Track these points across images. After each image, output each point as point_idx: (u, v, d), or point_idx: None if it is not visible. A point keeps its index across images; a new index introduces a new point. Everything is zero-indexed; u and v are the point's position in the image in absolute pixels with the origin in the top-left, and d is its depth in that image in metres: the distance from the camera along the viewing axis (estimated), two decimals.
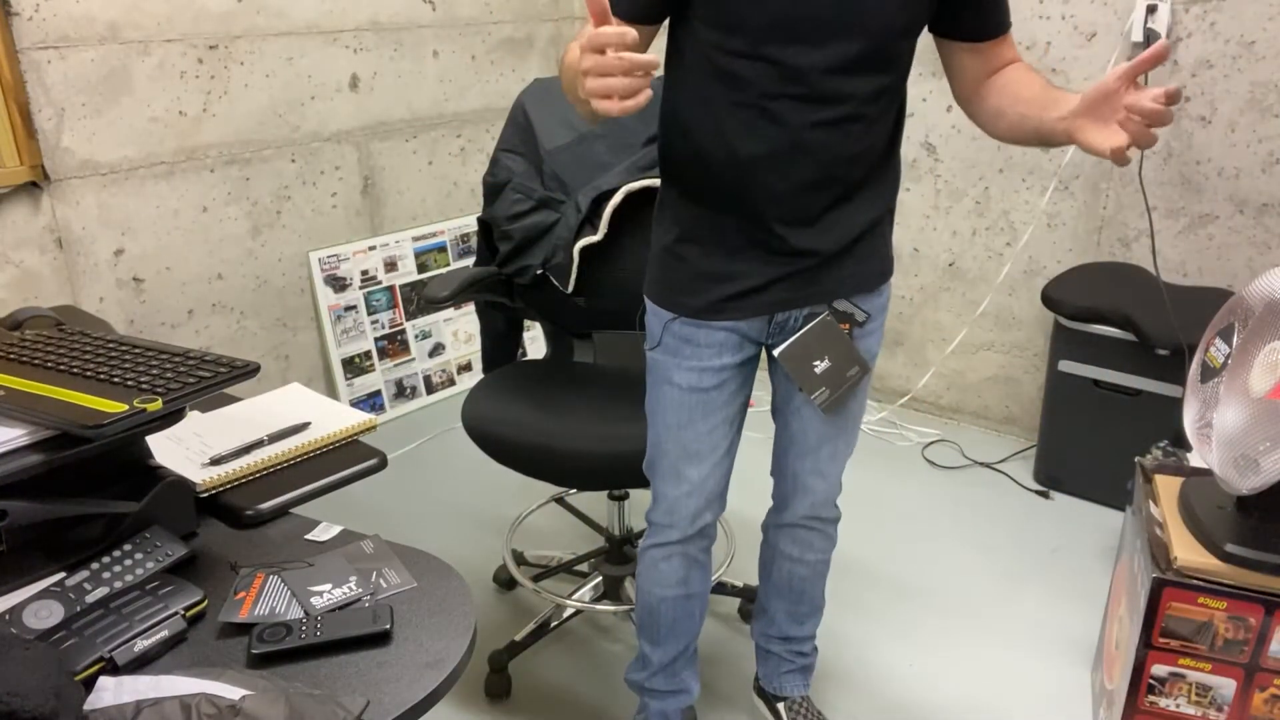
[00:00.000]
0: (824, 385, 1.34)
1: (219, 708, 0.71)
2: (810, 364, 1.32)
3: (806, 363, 1.32)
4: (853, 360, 1.34)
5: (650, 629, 1.57)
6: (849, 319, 1.34)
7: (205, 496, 1.05)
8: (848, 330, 1.33)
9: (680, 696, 1.61)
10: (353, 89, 2.76)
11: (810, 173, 1.22)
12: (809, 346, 1.32)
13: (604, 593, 2.05)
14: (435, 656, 0.82)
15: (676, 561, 1.50)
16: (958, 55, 1.29)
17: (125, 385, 0.94)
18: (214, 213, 2.52)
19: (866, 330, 1.37)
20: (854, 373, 1.35)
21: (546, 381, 1.88)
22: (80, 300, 2.30)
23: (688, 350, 1.34)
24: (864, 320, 1.35)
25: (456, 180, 3.12)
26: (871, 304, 1.36)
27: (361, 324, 2.90)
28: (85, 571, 0.88)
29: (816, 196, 1.24)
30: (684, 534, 1.46)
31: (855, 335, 1.35)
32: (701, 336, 1.33)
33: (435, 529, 2.38)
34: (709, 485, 1.43)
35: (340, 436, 1.16)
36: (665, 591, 1.52)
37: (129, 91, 2.29)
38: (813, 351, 1.32)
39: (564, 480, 1.69)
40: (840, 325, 1.32)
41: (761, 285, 1.29)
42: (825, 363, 1.32)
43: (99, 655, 0.78)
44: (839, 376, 1.34)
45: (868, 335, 1.38)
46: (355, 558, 0.96)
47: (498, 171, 1.99)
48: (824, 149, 1.20)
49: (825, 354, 1.32)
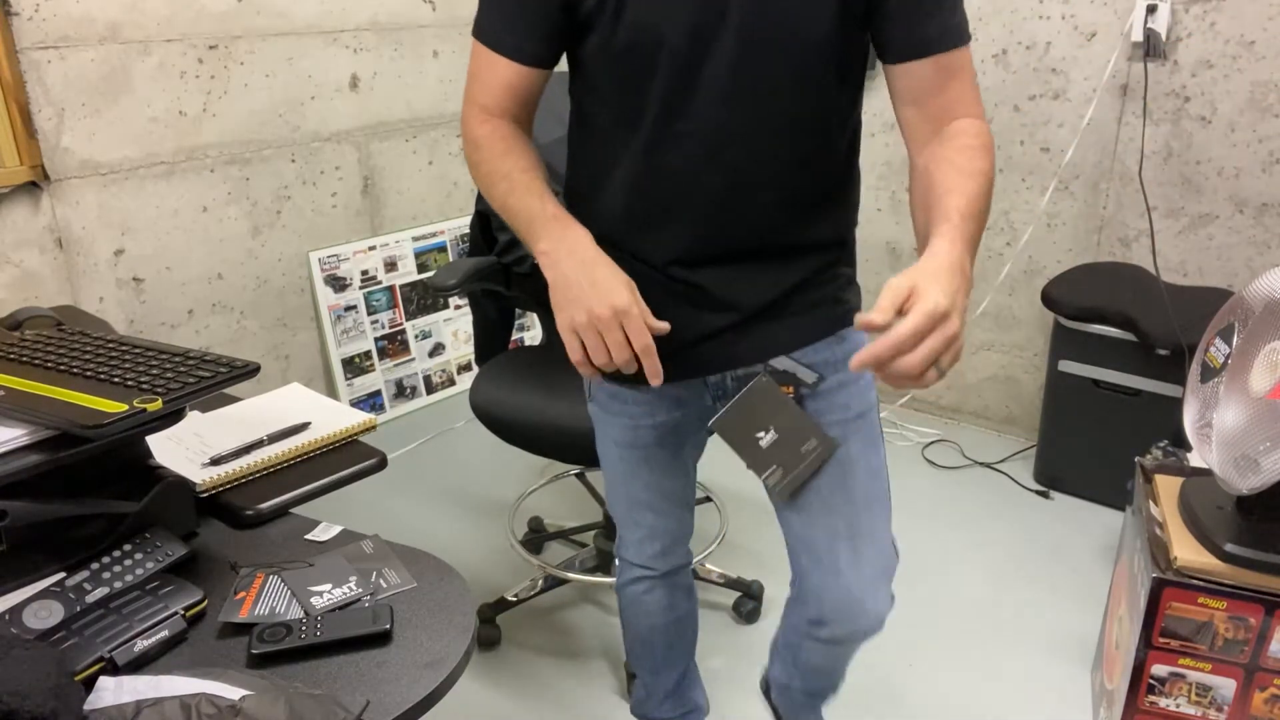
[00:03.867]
0: (774, 463, 1.11)
1: (219, 708, 0.71)
2: (753, 436, 1.10)
3: (748, 435, 1.10)
4: (805, 432, 1.09)
5: (647, 659, 1.50)
6: (792, 381, 1.10)
7: (205, 496, 1.05)
8: (792, 394, 1.10)
9: (693, 715, 1.57)
10: (353, 89, 2.76)
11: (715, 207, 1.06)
12: (746, 416, 1.10)
13: (597, 564, 2.12)
14: (435, 656, 0.82)
15: (659, 592, 1.42)
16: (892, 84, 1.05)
17: (125, 385, 0.94)
18: (214, 213, 2.52)
19: (820, 392, 1.12)
20: (811, 447, 1.09)
21: (546, 366, 1.91)
22: (80, 300, 2.30)
23: (617, 407, 1.21)
24: (815, 381, 1.11)
25: (457, 180, 3.12)
26: (821, 359, 1.13)
27: (361, 324, 2.90)
28: (85, 571, 0.88)
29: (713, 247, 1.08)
30: (657, 570, 1.38)
31: (813, 399, 1.11)
32: (629, 395, 1.19)
33: (435, 528, 2.38)
34: (669, 527, 1.33)
35: (340, 436, 1.16)
36: (654, 620, 1.44)
37: (129, 91, 2.29)
38: (752, 422, 1.10)
39: (568, 456, 1.72)
40: (782, 388, 1.09)
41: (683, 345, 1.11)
42: (770, 435, 1.10)
43: (99, 655, 0.78)
44: (792, 452, 1.09)
45: (826, 396, 1.12)
46: (355, 558, 0.96)
47: None
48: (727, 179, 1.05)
49: (769, 424, 1.09)
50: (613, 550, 2.03)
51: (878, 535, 1.16)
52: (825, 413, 1.12)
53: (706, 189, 1.05)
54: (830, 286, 1.13)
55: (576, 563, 2.14)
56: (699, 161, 1.04)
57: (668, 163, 1.05)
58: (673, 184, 1.06)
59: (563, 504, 2.49)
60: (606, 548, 2.06)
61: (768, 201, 1.06)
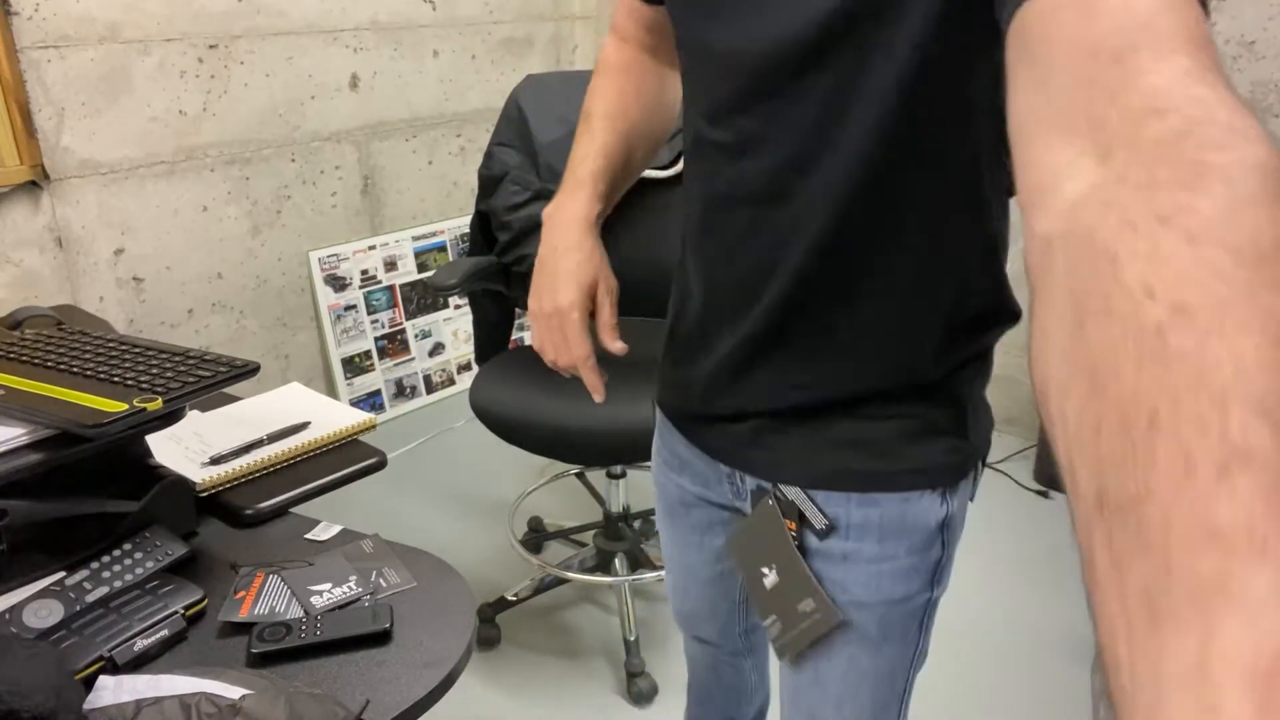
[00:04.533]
0: (774, 613, 0.87)
1: (219, 707, 0.71)
2: (759, 570, 0.87)
3: (755, 567, 0.87)
4: (803, 587, 0.84)
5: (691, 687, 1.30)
6: (795, 516, 0.84)
7: (205, 496, 1.05)
8: (794, 533, 0.84)
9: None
10: (353, 89, 2.76)
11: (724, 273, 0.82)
12: (752, 542, 0.88)
13: (597, 564, 2.12)
14: (435, 656, 0.82)
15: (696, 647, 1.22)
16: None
17: (125, 384, 0.94)
18: (214, 212, 2.52)
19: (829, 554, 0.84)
20: (809, 609, 0.84)
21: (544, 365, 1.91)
22: (80, 300, 2.30)
23: (664, 433, 1.01)
24: (825, 530, 0.82)
25: (456, 180, 3.12)
26: (849, 514, 0.82)
27: (361, 323, 2.91)
28: (85, 571, 0.88)
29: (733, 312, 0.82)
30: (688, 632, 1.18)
31: (818, 552, 0.84)
32: (667, 433, 0.99)
33: (435, 528, 2.38)
34: (692, 595, 1.09)
35: (340, 436, 1.16)
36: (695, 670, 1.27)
37: (129, 91, 2.29)
38: (758, 553, 0.87)
39: (569, 456, 1.73)
40: (785, 521, 0.84)
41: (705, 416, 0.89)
42: (773, 576, 0.86)
43: (99, 654, 0.78)
44: (790, 607, 0.85)
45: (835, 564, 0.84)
46: (355, 557, 0.96)
47: (493, 164, 2.02)
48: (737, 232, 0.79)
49: (771, 562, 0.86)
50: (612, 549, 2.05)
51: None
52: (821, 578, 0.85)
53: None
54: (888, 425, 0.81)
55: (576, 562, 2.14)
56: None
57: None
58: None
59: (563, 504, 2.50)
60: (606, 547, 2.06)
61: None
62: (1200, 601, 0.27)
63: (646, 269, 1.96)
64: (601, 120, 0.97)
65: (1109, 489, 0.33)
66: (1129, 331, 0.34)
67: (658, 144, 1.02)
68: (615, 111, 0.97)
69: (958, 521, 0.86)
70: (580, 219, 0.93)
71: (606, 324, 0.91)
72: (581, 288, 0.91)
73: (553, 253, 0.92)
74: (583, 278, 0.91)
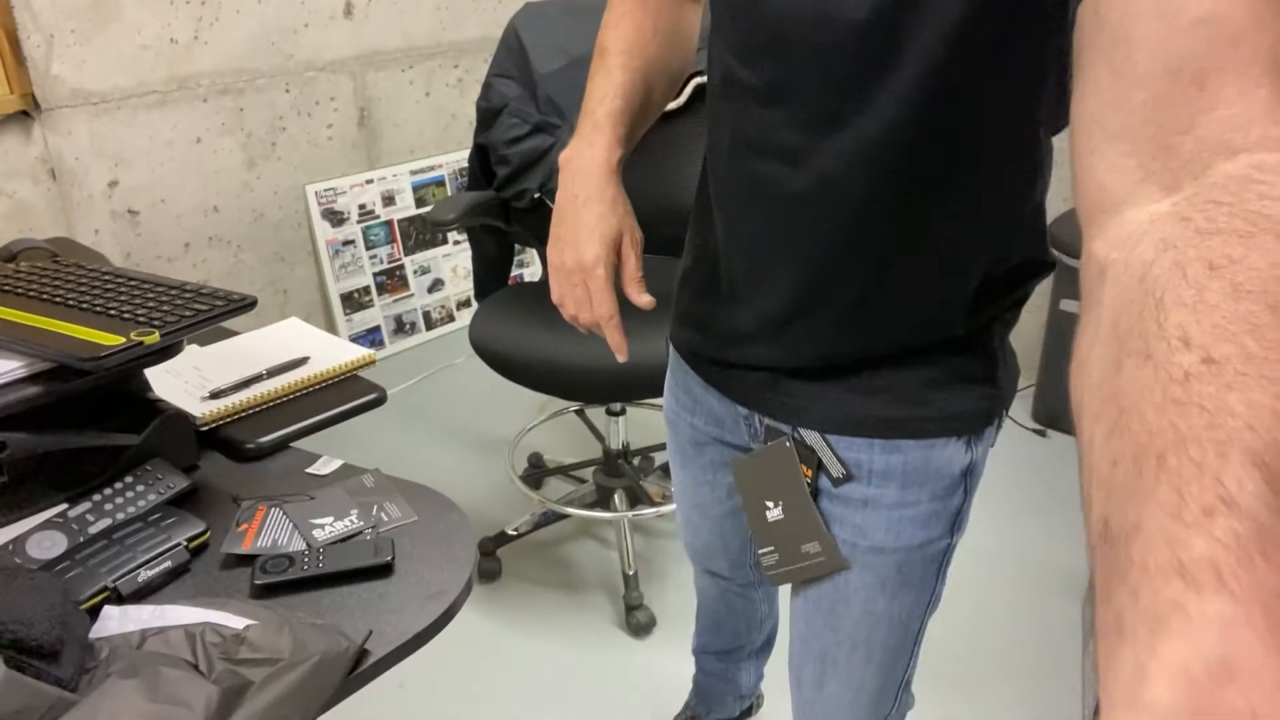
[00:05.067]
0: (774, 545, 0.90)
1: (224, 636, 0.72)
2: (762, 504, 0.89)
3: (759, 499, 0.90)
4: (811, 531, 0.87)
5: (700, 615, 1.37)
6: (812, 461, 0.85)
7: (205, 430, 1.05)
8: (809, 479, 0.85)
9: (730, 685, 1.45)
10: (347, 16, 2.69)
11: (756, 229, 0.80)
12: (761, 476, 0.89)
13: (596, 500, 2.13)
14: (436, 588, 0.83)
15: (707, 579, 1.28)
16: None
17: (122, 318, 0.94)
18: (208, 144, 2.48)
19: (849, 499, 0.85)
20: (813, 551, 0.87)
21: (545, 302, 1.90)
22: (75, 233, 2.28)
23: (676, 373, 1.02)
24: (841, 478, 0.83)
25: (454, 112, 3.06)
26: (853, 458, 0.83)
27: (360, 259, 2.88)
28: (87, 503, 0.89)
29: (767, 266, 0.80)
30: (699, 564, 1.23)
31: (829, 497, 0.86)
32: (681, 373, 1.00)
33: (435, 463, 2.40)
34: (703, 531, 1.12)
35: (340, 371, 1.16)
36: (704, 599, 1.33)
37: (118, 17, 2.23)
38: (765, 487, 0.89)
39: (570, 394, 1.73)
40: (802, 467, 0.85)
41: (727, 362, 0.90)
42: (778, 511, 0.88)
43: (103, 585, 0.79)
44: (792, 545, 0.89)
45: (855, 510, 0.85)
46: (356, 491, 0.96)
47: (491, 96, 1.98)
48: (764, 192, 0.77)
49: (779, 499, 0.88)
50: (611, 485, 2.06)
51: (854, 676, 0.95)
52: (836, 524, 0.87)
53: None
54: (916, 373, 0.80)
55: (576, 498, 2.16)
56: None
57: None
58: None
59: (562, 440, 2.51)
60: (606, 483, 2.07)
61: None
62: (1155, 623, 0.30)
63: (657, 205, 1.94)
64: (617, 56, 0.92)
65: (1112, 520, 0.35)
66: (1159, 377, 0.35)
67: (678, 80, 0.98)
68: (632, 47, 0.92)
69: (980, 468, 0.85)
70: (600, 165, 0.88)
71: (633, 278, 0.88)
72: (605, 242, 0.86)
73: (572, 202, 0.87)
74: (606, 230, 0.86)
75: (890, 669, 0.96)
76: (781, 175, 0.74)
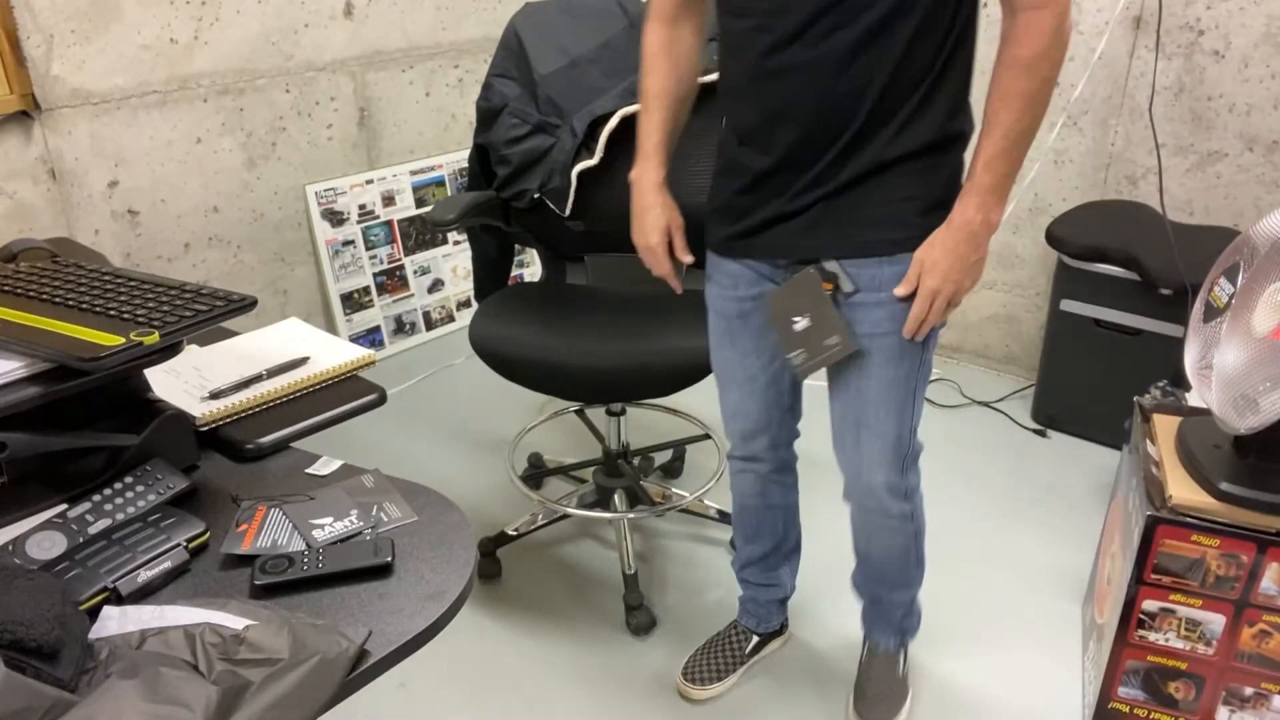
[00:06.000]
0: (801, 346, 1.28)
1: (223, 636, 0.72)
2: (790, 319, 1.27)
3: (786, 317, 1.27)
4: (832, 328, 1.24)
5: (739, 526, 1.69)
6: (833, 281, 1.24)
7: (205, 430, 1.05)
8: (831, 291, 1.24)
9: (773, 590, 1.73)
10: (347, 16, 2.69)
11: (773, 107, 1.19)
12: (789, 299, 1.27)
13: (596, 500, 2.13)
14: (436, 589, 0.83)
15: (749, 477, 1.59)
16: None
17: (122, 318, 0.94)
18: (208, 144, 2.48)
19: (858, 302, 1.25)
20: (833, 343, 1.25)
21: (545, 303, 1.90)
22: (75, 233, 2.28)
23: (716, 276, 1.41)
24: (851, 292, 1.24)
25: (454, 112, 3.06)
26: (869, 274, 1.24)
27: (360, 259, 2.88)
28: (87, 504, 0.89)
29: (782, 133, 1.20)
30: (742, 453, 1.56)
31: (844, 304, 1.26)
32: (724, 265, 1.38)
33: (435, 463, 2.40)
34: (749, 411, 1.48)
35: (339, 372, 1.16)
36: (746, 501, 1.64)
37: (118, 18, 2.23)
38: (793, 305, 1.26)
39: (569, 394, 1.72)
40: (824, 285, 1.24)
41: (751, 229, 1.29)
42: (805, 321, 1.26)
43: (102, 585, 0.79)
44: (817, 342, 1.26)
45: (862, 308, 1.26)
46: (356, 492, 0.96)
47: (491, 96, 1.98)
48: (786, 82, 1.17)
49: (805, 311, 1.26)
50: (611, 485, 2.06)
51: (880, 429, 1.35)
52: (857, 323, 1.26)
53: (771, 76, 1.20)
54: (900, 207, 1.21)
55: (576, 498, 2.16)
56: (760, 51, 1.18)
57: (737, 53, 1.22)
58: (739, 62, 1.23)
59: (562, 440, 2.51)
60: (606, 483, 2.07)
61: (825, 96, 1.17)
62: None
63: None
64: (654, 99, 1.38)
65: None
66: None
67: (692, 97, 1.43)
68: (662, 90, 1.38)
69: None
70: (653, 184, 1.40)
71: (680, 247, 1.42)
72: (660, 232, 1.40)
73: (641, 208, 1.41)
74: (660, 224, 1.40)
75: (901, 418, 1.34)
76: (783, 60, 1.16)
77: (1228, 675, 1.47)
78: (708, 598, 1.93)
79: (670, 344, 1.68)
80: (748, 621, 1.76)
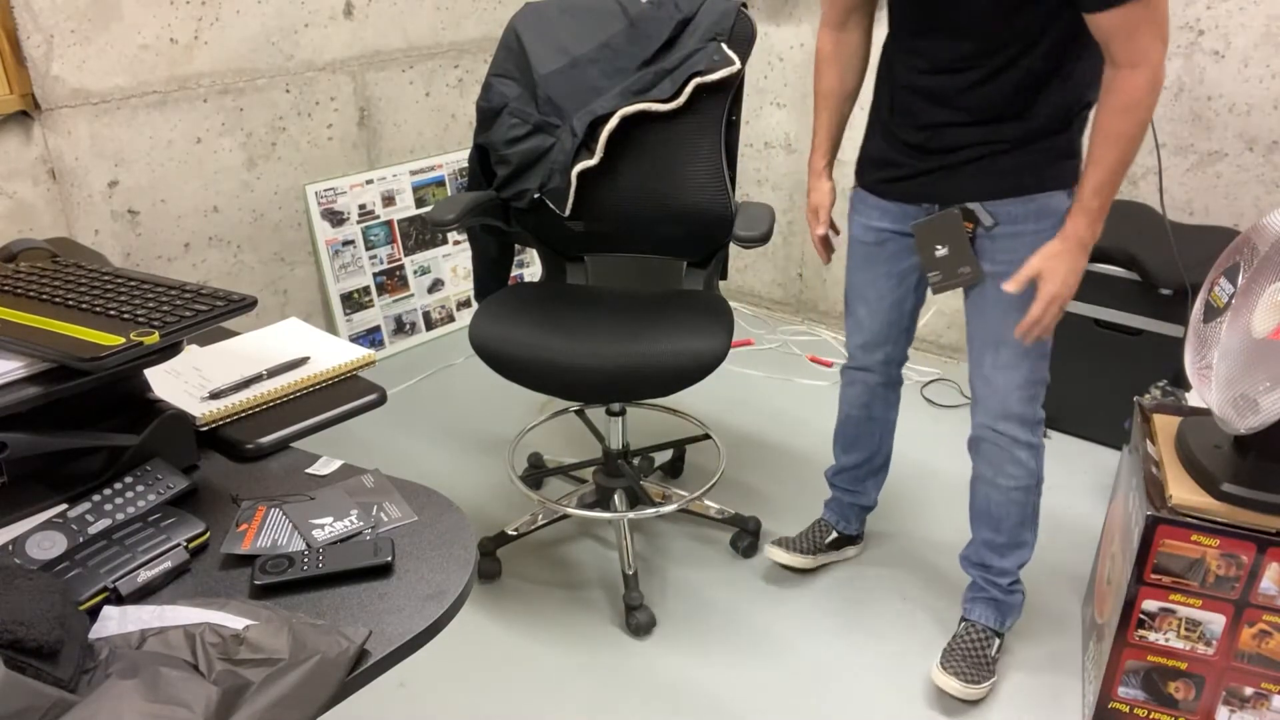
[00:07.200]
0: (939, 270, 1.54)
1: (223, 636, 0.72)
2: (933, 247, 1.54)
3: (930, 244, 1.54)
4: (965, 258, 1.52)
5: (840, 436, 1.90)
6: (974, 219, 1.49)
7: (205, 430, 1.05)
8: (971, 230, 1.50)
9: (858, 496, 1.95)
10: (347, 16, 2.69)
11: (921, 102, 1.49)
12: (934, 230, 1.53)
13: (596, 500, 2.13)
14: (436, 589, 0.83)
15: (858, 387, 1.82)
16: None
17: (122, 318, 0.94)
18: (208, 144, 2.48)
19: (998, 234, 1.49)
20: (965, 271, 1.52)
21: (545, 302, 1.90)
22: (75, 233, 2.28)
23: (861, 209, 1.66)
24: (991, 225, 1.48)
25: (454, 113, 3.06)
26: (1007, 210, 1.47)
27: (360, 259, 2.88)
28: (87, 504, 0.89)
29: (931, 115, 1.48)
30: (858, 364, 1.79)
31: (980, 236, 1.51)
32: (870, 200, 1.63)
33: (435, 463, 2.40)
34: (872, 326, 1.73)
35: (340, 372, 1.16)
36: (849, 410, 1.86)
37: (118, 18, 2.23)
38: (936, 236, 1.53)
39: (569, 394, 1.72)
40: (964, 223, 1.50)
41: (904, 176, 1.55)
42: (945, 250, 1.53)
43: (103, 585, 0.79)
44: (952, 269, 1.53)
45: (1002, 239, 1.49)
46: (356, 492, 0.96)
47: (491, 96, 1.98)
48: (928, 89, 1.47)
49: (947, 243, 1.52)
50: (611, 485, 2.06)
51: (1016, 347, 1.52)
52: (997, 251, 1.50)
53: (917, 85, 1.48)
54: (1036, 156, 1.44)
55: (576, 498, 2.15)
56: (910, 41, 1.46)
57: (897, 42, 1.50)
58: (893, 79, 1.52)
59: (562, 440, 2.51)
60: (606, 484, 2.07)
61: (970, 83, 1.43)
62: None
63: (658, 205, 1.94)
64: (822, 99, 1.69)
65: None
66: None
67: (856, 94, 1.70)
68: (831, 91, 1.67)
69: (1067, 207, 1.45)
70: (816, 172, 1.73)
71: (823, 223, 1.74)
72: (812, 209, 1.74)
73: (808, 189, 1.75)
74: (814, 203, 1.74)
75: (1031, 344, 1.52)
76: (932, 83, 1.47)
77: (1228, 675, 1.47)
78: (708, 598, 1.93)
79: (670, 344, 1.68)
80: (830, 517, 1.99)
